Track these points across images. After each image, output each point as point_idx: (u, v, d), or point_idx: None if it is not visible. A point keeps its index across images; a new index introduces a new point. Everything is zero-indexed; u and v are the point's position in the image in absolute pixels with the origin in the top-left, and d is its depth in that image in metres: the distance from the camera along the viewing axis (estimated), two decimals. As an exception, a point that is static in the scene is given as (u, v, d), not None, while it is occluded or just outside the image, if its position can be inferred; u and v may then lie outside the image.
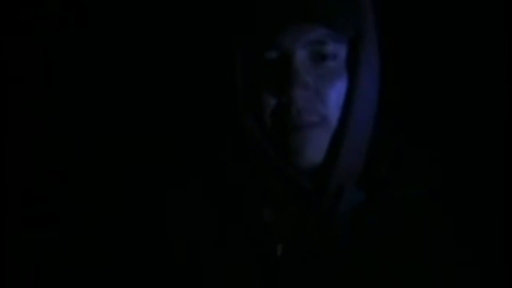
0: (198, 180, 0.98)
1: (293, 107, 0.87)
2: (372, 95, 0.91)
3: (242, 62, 0.93)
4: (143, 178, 1.33)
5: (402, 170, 0.93)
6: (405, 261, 0.89)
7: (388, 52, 0.94)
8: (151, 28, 1.40)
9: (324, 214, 0.90)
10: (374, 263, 0.89)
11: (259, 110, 0.90)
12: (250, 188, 0.94)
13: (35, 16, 1.38)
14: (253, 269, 0.91)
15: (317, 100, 0.88)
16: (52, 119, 1.41)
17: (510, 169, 1.17)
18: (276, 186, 0.92)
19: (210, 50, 1.36)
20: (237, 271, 0.92)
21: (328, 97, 0.88)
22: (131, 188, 1.35)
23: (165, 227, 0.98)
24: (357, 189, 0.91)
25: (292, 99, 0.87)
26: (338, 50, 0.89)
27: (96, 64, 1.41)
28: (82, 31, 1.39)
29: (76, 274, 1.36)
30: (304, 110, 0.87)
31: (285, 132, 0.89)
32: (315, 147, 0.89)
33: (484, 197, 0.97)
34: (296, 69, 0.87)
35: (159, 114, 1.42)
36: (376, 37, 0.92)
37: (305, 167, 0.90)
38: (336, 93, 0.88)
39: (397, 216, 0.91)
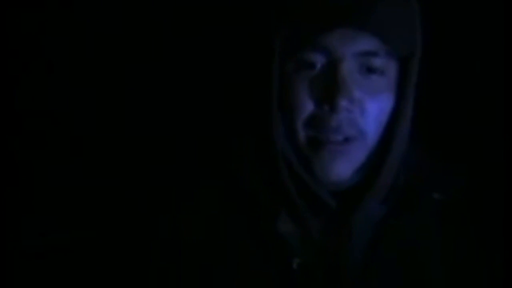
0: (208, 182, 0.93)
1: (335, 117, 0.82)
2: (410, 113, 0.87)
3: (279, 60, 0.85)
4: (147, 179, 1.33)
5: (419, 180, 0.89)
6: (428, 275, 0.86)
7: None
8: (153, 26, 1.41)
9: (345, 230, 0.85)
10: (394, 278, 0.85)
11: (292, 113, 0.84)
12: (265, 193, 0.88)
13: (35, 16, 1.39)
14: (267, 280, 0.86)
15: (358, 114, 0.83)
16: (52, 120, 1.42)
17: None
18: (296, 198, 0.86)
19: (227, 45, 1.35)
20: (249, 281, 0.87)
21: (369, 112, 0.83)
22: (133, 189, 1.35)
23: (170, 230, 0.92)
24: (379, 203, 0.87)
25: (336, 109, 0.81)
26: (387, 65, 0.83)
27: (96, 64, 1.42)
28: (81, 31, 1.40)
29: (76, 274, 1.35)
30: (346, 122, 0.82)
31: (319, 142, 0.84)
32: (348, 163, 0.84)
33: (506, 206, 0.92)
34: (344, 78, 0.81)
35: (162, 114, 1.42)
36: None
37: (331, 182, 0.85)
38: (378, 109, 0.84)
39: (418, 229, 0.87)
